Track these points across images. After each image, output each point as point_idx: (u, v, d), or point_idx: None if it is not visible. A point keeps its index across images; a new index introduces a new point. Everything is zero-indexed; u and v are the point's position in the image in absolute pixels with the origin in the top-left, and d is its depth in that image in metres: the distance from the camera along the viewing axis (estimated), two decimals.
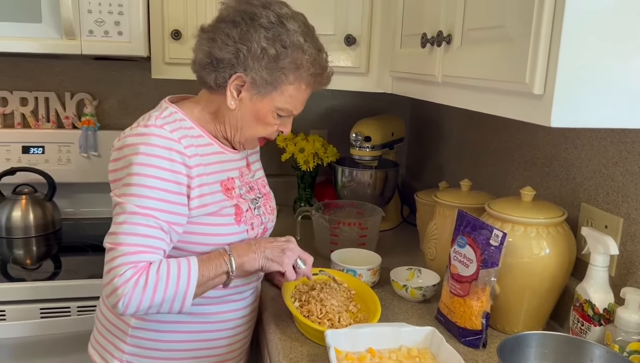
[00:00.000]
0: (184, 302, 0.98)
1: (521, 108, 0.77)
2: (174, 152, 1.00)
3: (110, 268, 0.95)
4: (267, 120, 1.08)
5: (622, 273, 1.05)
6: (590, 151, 1.14)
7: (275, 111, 1.07)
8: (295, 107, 1.09)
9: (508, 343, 0.90)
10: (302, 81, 1.06)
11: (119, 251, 0.94)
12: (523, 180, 1.37)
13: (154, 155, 0.98)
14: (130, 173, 0.97)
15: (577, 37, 0.68)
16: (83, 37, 1.53)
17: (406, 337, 1.01)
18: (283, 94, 1.05)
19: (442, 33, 0.99)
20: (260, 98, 1.05)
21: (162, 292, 0.95)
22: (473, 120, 1.65)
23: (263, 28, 1.01)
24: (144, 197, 0.96)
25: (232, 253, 1.03)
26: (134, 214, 0.96)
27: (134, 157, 0.98)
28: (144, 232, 0.96)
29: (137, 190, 0.96)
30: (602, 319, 0.97)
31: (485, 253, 1.06)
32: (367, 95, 1.47)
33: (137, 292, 0.93)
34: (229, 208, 1.09)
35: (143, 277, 0.94)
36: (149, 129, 1.00)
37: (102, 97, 2.00)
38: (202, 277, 0.99)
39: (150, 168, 0.97)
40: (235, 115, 1.08)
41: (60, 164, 1.92)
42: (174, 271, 0.96)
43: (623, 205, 1.05)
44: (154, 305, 0.96)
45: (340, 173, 1.84)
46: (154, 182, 0.97)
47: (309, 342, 1.10)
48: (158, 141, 0.99)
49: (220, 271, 1.02)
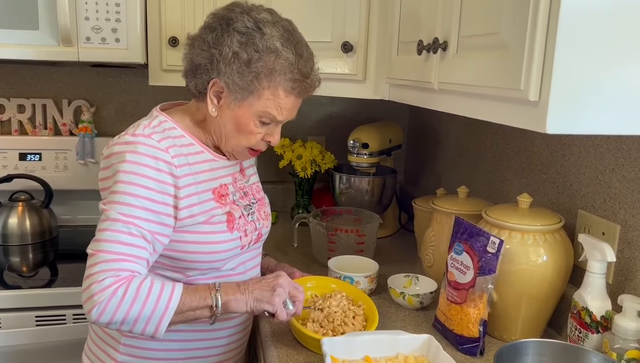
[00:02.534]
0: (158, 326, 0.95)
1: (517, 115, 0.77)
2: (161, 162, 0.99)
3: (89, 274, 0.93)
4: (249, 128, 1.05)
5: (619, 280, 1.05)
6: (587, 158, 1.14)
7: (256, 118, 1.05)
8: (279, 113, 1.05)
9: (505, 350, 0.90)
10: (279, 86, 1.02)
11: (98, 257, 0.93)
12: (520, 187, 1.37)
13: (140, 163, 0.97)
14: (116, 180, 0.97)
15: (571, 43, 0.68)
16: (80, 44, 1.53)
17: (403, 344, 1.01)
18: (260, 99, 1.03)
19: (438, 40, 1.00)
20: (239, 104, 1.03)
21: (139, 309, 0.93)
22: (470, 127, 1.65)
23: (237, 32, 1.01)
24: (127, 205, 0.96)
25: (220, 290, 1.00)
26: (116, 221, 0.95)
27: (120, 165, 0.97)
28: (125, 239, 0.95)
29: (121, 198, 0.96)
30: (600, 327, 0.97)
31: (483, 261, 1.05)
32: (364, 102, 1.47)
33: (113, 301, 0.91)
34: (220, 215, 1.07)
35: (122, 288, 0.92)
36: (137, 137, 0.99)
37: (100, 104, 2.00)
38: (183, 304, 0.96)
39: (136, 176, 0.97)
40: (219, 123, 1.07)
41: (57, 171, 1.92)
42: (155, 291, 0.94)
43: (620, 212, 1.04)
44: (128, 321, 0.93)
45: (338, 180, 1.83)
46: (139, 191, 0.97)
47: (306, 350, 1.09)
48: (145, 150, 0.98)
49: (203, 304, 0.98)
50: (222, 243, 1.07)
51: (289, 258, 1.58)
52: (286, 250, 1.67)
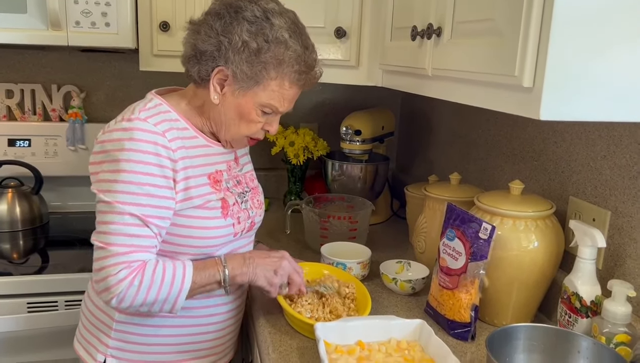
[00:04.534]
0: (174, 305, 1.01)
1: (510, 101, 0.77)
2: (160, 146, 0.99)
3: (102, 267, 0.96)
4: (251, 116, 1.06)
5: (609, 265, 1.06)
6: (579, 145, 1.14)
7: (258, 108, 1.05)
8: (281, 104, 1.06)
9: (496, 335, 0.91)
10: (285, 78, 1.03)
11: (110, 251, 0.95)
12: (512, 174, 1.38)
13: (140, 150, 0.97)
14: (117, 170, 0.96)
15: (566, 30, 0.68)
16: (69, 28, 1.51)
17: (395, 329, 1.02)
18: (265, 90, 1.03)
19: (432, 26, 0.99)
20: (243, 93, 1.03)
21: (155, 294, 0.98)
22: (462, 114, 1.65)
23: (247, 21, 1.00)
24: (131, 193, 0.96)
25: (227, 265, 1.05)
26: (123, 214, 0.96)
27: (119, 153, 0.97)
28: (134, 232, 0.97)
29: (123, 187, 0.96)
30: (590, 311, 0.98)
31: (474, 246, 1.06)
32: (357, 88, 1.46)
33: (131, 291, 0.96)
34: (215, 201, 1.07)
35: (138, 277, 0.96)
36: (133, 123, 0.99)
37: (90, 90, 1.97)
38: (194, 283, 1.01)
39: (137, 164, 0.96)
40: (219, 110, 1.06)
41: (47, 157, 1.90)
42: (169, 274, 0.98)
43: (610, 198, 1.05)
44: (146, 304, 0.98)
45: (331, 167, 1.83)
46: (142, 178, 0.97)
47: (299, 335, 1.10)
48: (143, 136, 0.97)
49: (212, 280, 1.04)
50: (215, 229, 1.07)
51: (281, 245, 1.58)
52: (279, 237, 1.67)
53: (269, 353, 1.04)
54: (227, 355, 1.23)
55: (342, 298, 1.17)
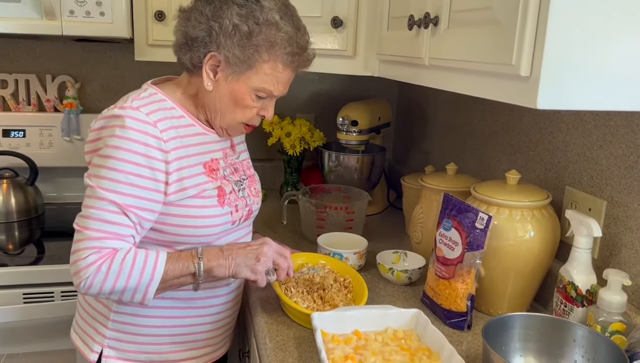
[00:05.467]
0: (145, 295, 0.98)
1: (508, 90, 0.77)
2: (150, 137, 0.97)
3: (74, 250, 0.96)
4: (245, 102, 1.05)
5: (604, 255, 1.06)
6: (575, 134, 1.14)
7: (252, 92, 1.04)
8: (275, 88, 1.05)
9: (492, 324, 0.91)
10: (278, 60, 1.02)
11: (84, 234, 0.95)
12: (508, 164, 1.38)
13: (128, 138, 0.96)
14: (103, 155, 0.96)
15: (564, 19, 0.68)
16: (64, 17, 1.49)
17: (392, 319, 1.02)
18: (259, 73, 1.02)
19: (429, 15, 0.99)
20: (236, 78, 1.02)
21: (124, 282, 0.96)
22: (459, 105, 1.65)
23: (236, 5, 0.99)
24: (114, 181, 0.95)
25: (203, 257, 1.02)
26: (102, 199, 0.95)
27: (108, 139, 0.97)
28: (110, 218, 0.95)
29: (107, 173, 0.95)
30: (585, 300, 0.99)
31: (471, 236, 1.06)
32: (354, 79, 1.46)
33: (98, 277, 0.94)
34: (211, 190, 1.07)
35: (106, 264, 0.94)
36: (125, 111, 0.98)
37: (85, 80, 1.96)
38: (166, 274, 0.98)
39: (123, 151, 0.96)
40: (214, 97, 1.05)
41: (42, 148, 1.89)
42: (139, 263, 0.96)
43: (606, 188, 1.06)
44: (115, 292, 0.97)
45: (327, 157, 1.83)
46: (126, 167, 0.96)
47: (296, 325, 1.10)
48: (133, 124, 0.96)
49: (186, 272, 1.01)
50: (212, 217, 1.06)
51: (278, 236, 1.58)
52: (275, 227, 1.67)
53: (265, 343, 1.04)
54: (224, 345, 1.23)
55: (338, 288, 1.17)
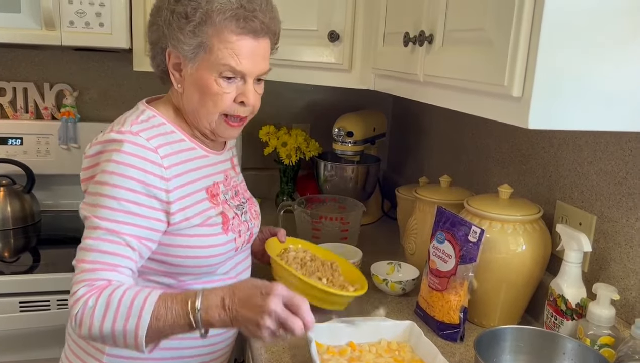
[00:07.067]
0: (136, 342, 0.84)
1: (500, 109, 0.79)
2: (148, 163, 0.93)
3: (71, 285, 0.90)
4: (213, 88, 0.98)
5: (594, 269, 1.08)
6: (566, 150, 1.17)
7: (215, 74, 0.98)
8: (236, 61, 0.97)
9: (484, 336, 0.93)
10: (224, 29, 0.96)
11: (79, 268, 0.90)
12: (501, 177, 1.40)
13: (126, 163, 0.91)
14: (99, 182, 0.92)
15: (554, 42, 0.70)
16: (63, 28, 1.51)
17: (386, 330, 1.04)
18: (212, 52, 0.97)
19: (424, 33, 1.01)
20: (195, 67, 0.98)
21: (111, 322, 0.85)
22: (453, 118, 1.67)
23: None
24: (110, 209, 0.90)
25: (200, 308, 0.84)
26: (97, 229, 0.90)
27: (105, 165, 0.92)
28: (105, 248, 0.90)
29: (104, 201, 0.91)
30: (575, 314, 1.01)
31: (464, 249, 1.08)
32: (349, 90, 1.47)
33: (86, 312, 0.86)
34: (215, 217, 1.03)
35: (93, 298, 0.86)
36: (123, 135, 0.93)
37: (82, 88, 1.97)
38: (156, 319, 0.84)
39: (120, 178, 0.91)
40: (187, 98, 1.02)
41: (40, 156, 1.89)
42: (127, 300, 0.85)
43: (596, 203, 1.08)
44: (106, 335, 0.86)
45: (323, 167, 1.85)
46: (124, 194, 0.91)
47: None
48: (131, 149, 0.92)
49: (181, 321, 0.85)
50: (218, 246, 1.03)
51: None
52: None
53: (261, 355, 1.06)
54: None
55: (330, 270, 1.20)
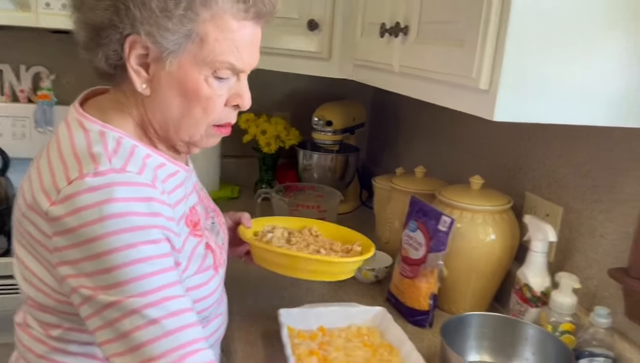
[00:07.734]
0: None
1: (468, 101, 0.81)
2: (155, 202, 0.71)
3: None
4: (203, 92, 0.74)
5: (559, 259, 1.12)
6: (537, 143, 1.20)
7: (208, 74, 0.73)
8: (237, 56, 0.74)
9: (451, 323, 0.96)
10: (226, 13, 0.71)
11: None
12: (474, 169, 1.43)
13: (130, 212, 0.67)
14: (102, 252, 0.66)
15: (520, 39, 0.72)
16: (39, 9, 1.49)
17: (356, 316, 1.06)
18: (205, 43, 0.71)
19: (399, 24, 1.02)
20: (177, 62, 0.72)
21: None
22: (430, 110, 1.69)
23: None
24: (143, 278, 0.67)
25: None
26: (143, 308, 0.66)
27: (97, 227, 0.66)
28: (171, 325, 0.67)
29: (128, 274, 0.66)
30: (539, 301, 1.04)
31: (434, 238, 1.11)
32: (330, 80, 1.48)
33: None
34: (203, 254, 0.83)
35: None
36: (107, 177, 0.68)
37: (60, 71, 1.95)
38: None
39: (132, 233, 0.67)
40: (158, 103, 0.75)
41: (15, 139, 1.87)
42: None
43: (563, 195, 1.11)
44: None
45: (302, 156, 1.86)
46: (146, 251, 0.68)
47: (264, 321, 1.12)
48: (127, 193, 0.68)
49: None
50: (214, 292, 0.85)
51: None
52: None
53: (233, 340, 1.07)
54: None
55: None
